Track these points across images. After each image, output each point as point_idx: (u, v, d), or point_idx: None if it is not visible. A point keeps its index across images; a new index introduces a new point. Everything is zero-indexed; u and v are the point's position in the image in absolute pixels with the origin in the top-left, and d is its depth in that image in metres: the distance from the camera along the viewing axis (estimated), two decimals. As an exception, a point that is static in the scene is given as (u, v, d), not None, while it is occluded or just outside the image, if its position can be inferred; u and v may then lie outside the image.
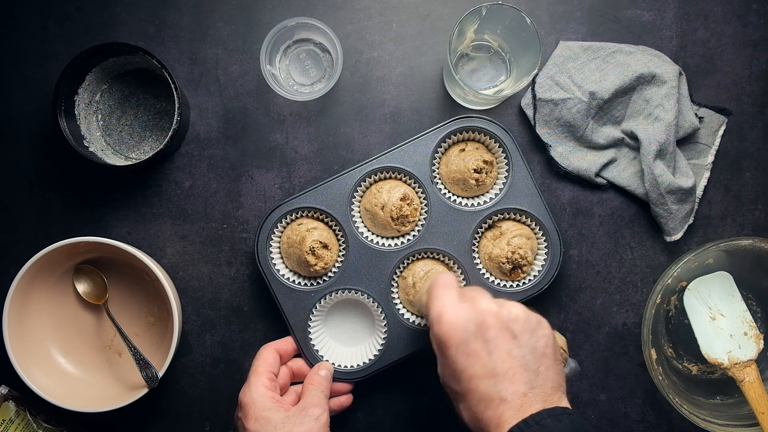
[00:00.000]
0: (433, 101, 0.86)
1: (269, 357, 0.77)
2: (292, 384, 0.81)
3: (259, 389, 0.73)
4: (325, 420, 0.72)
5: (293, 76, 0.86)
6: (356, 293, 0.82)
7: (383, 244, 0.83)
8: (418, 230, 0.82)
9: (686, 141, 0.85)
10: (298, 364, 0.81)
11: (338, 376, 0.81)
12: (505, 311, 0.62)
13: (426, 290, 0.72)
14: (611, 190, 0.86)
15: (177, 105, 0.78)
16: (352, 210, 0.82)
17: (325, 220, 0.83)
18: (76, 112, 0.81)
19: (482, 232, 0.84)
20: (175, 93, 0.77)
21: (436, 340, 0.63)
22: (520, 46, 0.80)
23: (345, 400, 0.81)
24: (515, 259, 0.80)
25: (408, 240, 0.82)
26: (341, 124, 0.86)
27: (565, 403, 0.60)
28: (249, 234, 0.86)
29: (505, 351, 0.59)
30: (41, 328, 0.82)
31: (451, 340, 0.61)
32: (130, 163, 0.79)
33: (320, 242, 0.80)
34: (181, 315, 0.81)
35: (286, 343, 0.81)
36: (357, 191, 0.82)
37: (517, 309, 0.63)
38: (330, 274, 0.82)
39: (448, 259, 0.83)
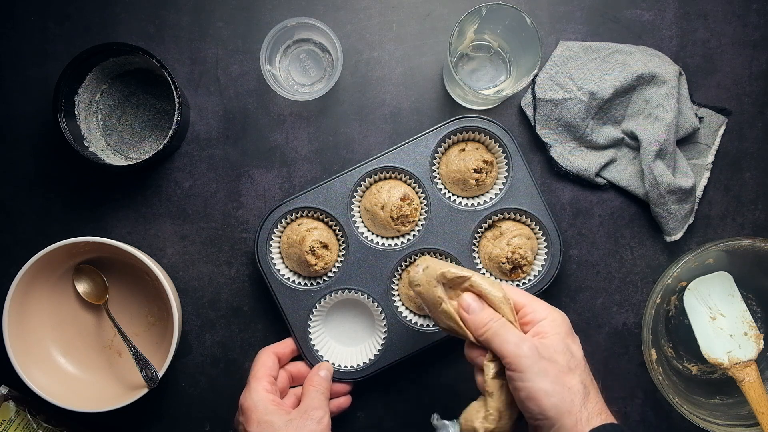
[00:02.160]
0: (433, 101, 0.86)
1: (268, 360, 0.77)
2: (292, 387, 0.81)
3: (260, 393, 0.73)
4: (327, 422, 0.72)
5: (293, 76, 0.86)
6: (356, 293, 0.82)
7: (383, 244, 0.83)
8: (418, 230, 0.82)
9: (686, 141, 0.85)
10: (297, 367, 0.81)
11: (338, 376, 0.81)
12: None
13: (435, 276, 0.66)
14: (611, 190, 0.86)
15: (177, 105, 0.78)
16: (352, 210, 0.82)
17: (325, 220, 0.83)
18: (76, 112, 0.81)
19: (482, 232, 0.84)
20: (175, 93, 0.77)
21: (566, 323, 0.66)
22: (520, 46, 0.80)
23: (344, 401, 0.81)
24: (515, 259, 0.80)
25: (408, 240, 0.82)
26: (341, 124, 0.86)
27: None
28: (249, 234, 0.86)
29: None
30: (41, 328, 0.82)
31: (566, 326, 0.66)
32: (130, 163, 0.79)
33: (320, 242, 0.80)
34: (181, 315, 0.81)
35: (284, 346, 0.80)
36: (357, 191, 0.82)
37: None
38: (330, 274, 0.82)
39: (448, 259, 0.83)
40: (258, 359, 0.78)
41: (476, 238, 0.83)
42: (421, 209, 0.83)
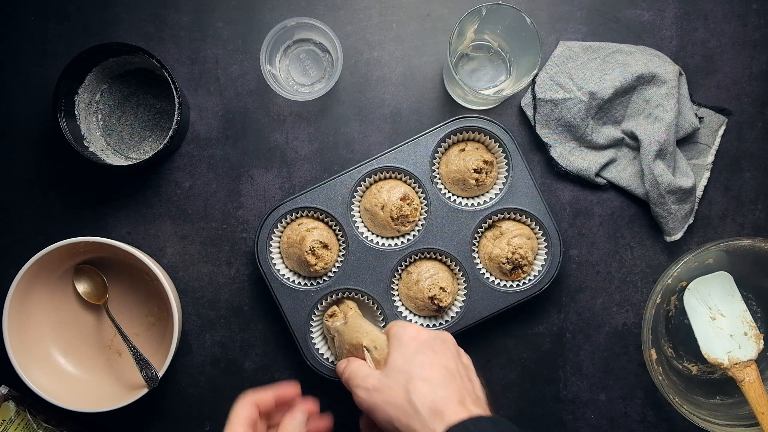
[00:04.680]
0: (433, 101, 0.86)
1: (243, 411, 0.70)
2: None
3: None
4: None
5: (293, 76, 0.86)
6: (356, 293, 0.82)
7: (383, 244, 0.83)
8: (418, 230, 0.82)
9: (686, 141, 0.85)
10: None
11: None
12: (446, 335, 0.72)
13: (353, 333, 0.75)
14: (611, 190, 0.86)
15: (177, 105, 0.78)
16: (352, 210, 0.82)
17: (325, 220, 0.83)
18: (76, 112, 0.81)
19: (482, 232, 0.84)
20: (175, 93, 0.77)
21: (396, 339, 0.69)
22: (520, 46, 0.80)
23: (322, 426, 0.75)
24: (515, 259, 0.80)
25: (408, 240, 0.82)
26: (341, 124, 0.86)
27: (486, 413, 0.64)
28: (249, 234, 0.86)
29: (459, 361, 0.69)
30: (41, 328, 0.82)
31: (415, 337, 0.69)
32: (130, 163, 0.79)
33: (320, 242, 0.80)
34: (181, 315, 0.81)
35: (265, 395, 0.72)
36: (357, 191, 0.82)
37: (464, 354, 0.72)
38: (330, 274, 0.82)
39: (448, 259, 0.83)
40: (233, 409, 0.70)
41: (476, 238, 0.83)
42: (421, 209, 0.83)
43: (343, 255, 0.82)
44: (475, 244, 0.83)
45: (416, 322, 0.82)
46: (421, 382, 0.64)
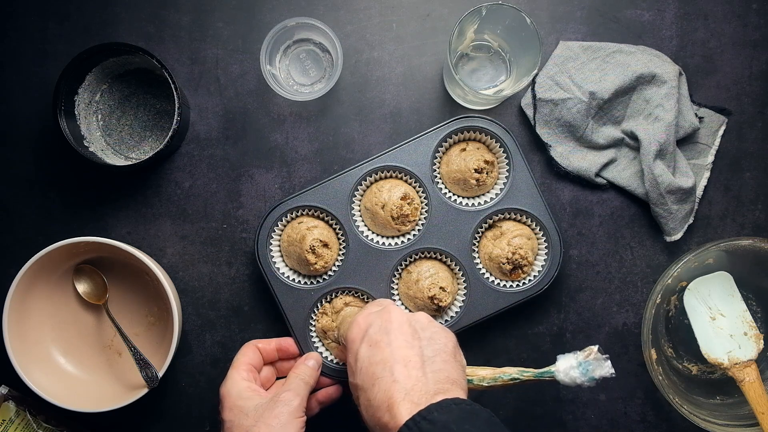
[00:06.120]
0: (433, 101, 0.86)
1: (248, 351, 0.78)
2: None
3: (235, 380, 0.74)
4: (297, 405, 0.72)
5: (293, 76, 0.86)
6: (356, 292, 0.82)
7: (383, 244, 0.83)
8: (419, 230, 0.82)
9: (686, 141, 0.85)
10: (291, 364, 0.81)
11: (339, 375, 0.81)
12: (410, 315, 0.69)
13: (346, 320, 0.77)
14: (611, 190, 0.86)
15: (177, 105, 0.78)
16: (353, 209, 0.82)
17: (326, 218, 0.83)
18: (76, 112, 0.81)
19: (482, 232, 0.84)
20: (175, 93, 0.77)
21: (347, 340, 0.70)
22: (520, 46, 0.80)
23: (333, 390, 0.80)
24: (516, 260, 0.80)
25: (408, 239, 0.82)
26: (341, 124, 0.86)
27: (460, 396, 0.61)
28: (249, 234, 0.86)
29: (404, 341, 0.65)
30: (41, 328, 0.82)
31: (359, 335, 0.68)
32: (130, 163, 0.79)
33: (320, 241, 0.80)
34: (181, 315, 0.81)
35: (268, 342, 0.81)
36: (357, 190, 0.82)
37: (422, 315, 0.70)
38: (330, 272, 0.82)
39: (448, 259, 0.83)
40: (239, 351, 0.79)
41: (476, 238, 0.83)
42: (422, 209, 0.83)
43: (343, 254, 0.82)
44: (475, 244, 0.83)
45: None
46: (363, 394, 0.64)
